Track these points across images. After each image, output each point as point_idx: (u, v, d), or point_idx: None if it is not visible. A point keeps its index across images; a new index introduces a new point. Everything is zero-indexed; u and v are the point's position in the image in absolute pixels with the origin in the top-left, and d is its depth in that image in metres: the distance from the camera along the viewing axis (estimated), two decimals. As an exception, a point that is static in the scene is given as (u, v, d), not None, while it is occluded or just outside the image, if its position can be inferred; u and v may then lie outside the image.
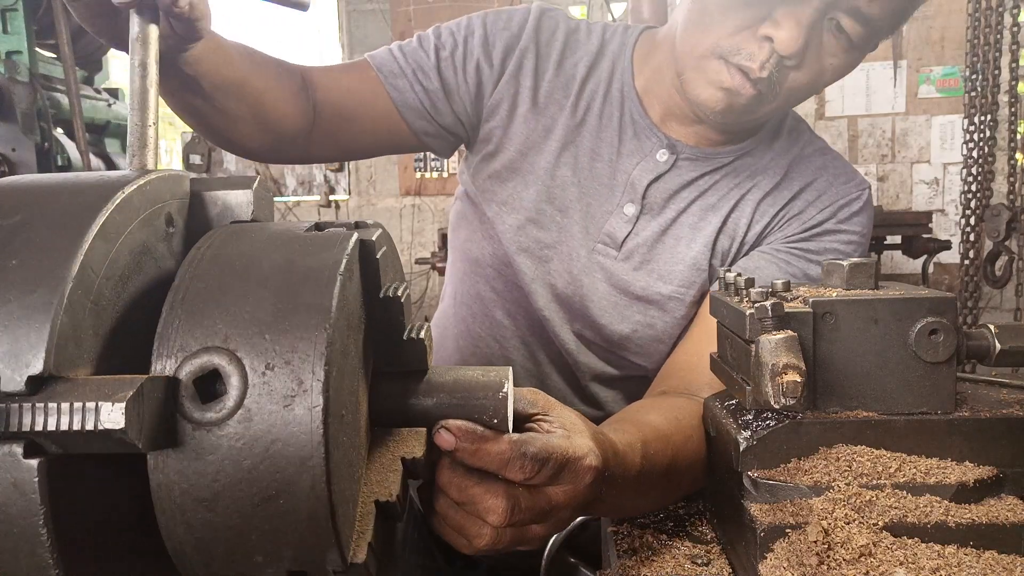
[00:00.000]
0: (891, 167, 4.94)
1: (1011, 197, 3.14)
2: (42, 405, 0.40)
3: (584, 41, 1.13)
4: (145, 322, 0.48)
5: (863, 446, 0.68)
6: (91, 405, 0.40)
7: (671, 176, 1.08)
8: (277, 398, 0.43)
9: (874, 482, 0.65)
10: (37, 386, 0.41)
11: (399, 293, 0.54)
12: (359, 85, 1.11)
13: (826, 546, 0.59)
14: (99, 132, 4.21)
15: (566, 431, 0.63)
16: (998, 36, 3.06)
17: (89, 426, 0.40)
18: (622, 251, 1.09)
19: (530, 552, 1.32)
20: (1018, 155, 3.13)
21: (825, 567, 0.59)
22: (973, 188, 3.24)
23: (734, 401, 0.76)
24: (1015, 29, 3.07)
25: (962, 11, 3.24)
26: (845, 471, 0.66)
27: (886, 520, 0.62)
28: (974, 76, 3.13)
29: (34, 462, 0.40)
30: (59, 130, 3.74)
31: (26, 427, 0.40)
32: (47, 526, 0.41)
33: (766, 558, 0.62)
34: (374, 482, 0.52)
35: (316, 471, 0.43)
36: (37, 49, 3.74)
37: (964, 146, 3.22)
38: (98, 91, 4.23)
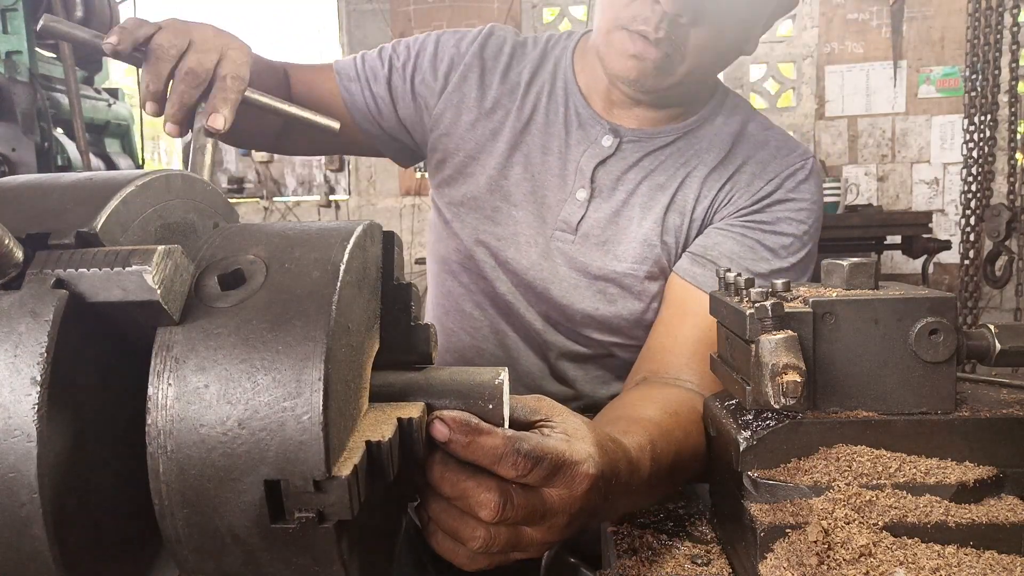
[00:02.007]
0: (891, 167, 4.94)
1: (1011, 197, 3.14)
2: (81, 253, 0.44)
3: (529, 52, 1.21)
4: None
5: (863, 446, 0.68)
6: (124, 253, 0.43)
7: (617, 159, 1.14)
8: (290, 292, 0.46)
9: (874, 482, 0.65)
10: (83, 242, 0.45)
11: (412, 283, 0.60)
12: (321, 84, 1.21)
13: (826, 546, 0.59)
14: (99, 132, 4.21)
15: (567, 436, 0.63)
16: (998, 36, 3.06)
17: (118, 267, 0.43)
18: (578, 234, 1.14)
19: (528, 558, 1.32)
20: (1018, 155, 3.13)
21: (825, 567, 0.59)
22: (973, 188, 3.24)
23: (734, 401, 0.76)
24: (1015, 29, 3.07)
25: (962, 11, 3.24)
26: (845, 471, 0.66)
27: (886, 520, 0.62)
28: (974, 76, 3.13)
29: (59, 292, 0.43)
30: (59, 130, 3.74)
31: (61, 267, 0.44)
32: (48, 353, 0.42)
33: (766, 558, 0.62)
34: (367, 431, 0.51)
35: (315, 358, 0.44)
36: (37, 49, 3.73)
37: (964, 146, 3.22)
38: (98, 91, 4.23)
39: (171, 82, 0.91)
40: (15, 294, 0.43)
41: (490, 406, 0.58)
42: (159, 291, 0.43)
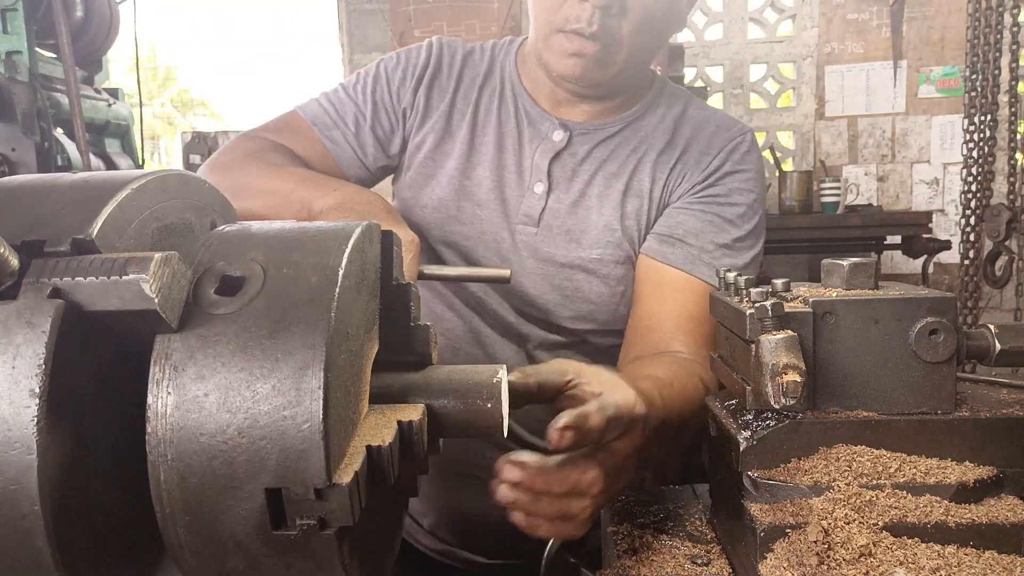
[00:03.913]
0: (891, 167, 4.93)
1: (1011, 197, 3.13)
2: (77, 260, 0.44)
3: (478, 60, 1.27)
4: None
5: (863, 446, 0.68)
6: (120, 261, 0.43)
7: (569, 152, 1.20)
8: (288, 298, 0.46)
9: (874, 482, 0.65)
10: (79, 250, 0.45)
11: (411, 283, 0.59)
12: (310, 150, 1.23)
13: (826, 546, 0.59)
14: (99, 132, 4.21)
15: (612, 387, 0.72)
16: (998, 36, 3.05)
17: (115, 276, 0.42)
18: (540, 226, 1.19)
19: (529, 555, 1.33)
20: (1018, 155, 3.13)
21: (825, 567, 0.59)
22: (973, 188, 3.24)
23: (734, 401, 0.76)
24: (1015, 29, 3.07)
25: (962, 11, 3.24)
26: (845, 471, 0.66)
27: (886, 520, 0.62)
28: (974, 76, 3.12)
29: (54, 302, 0.43)
30: (59, 130, 3.74)
31: (58, 276, 0.43)
32: (46, 365, 0.42)
33: (766, 558, 0.62)
34: (367, 435, 0.52)
35: (315, 367, 0.44)
36: (37, 49, 3.73)
37: (964, 146, 3.22)
38: (98, 91, 4.23)
39: None
40: (11, 304, 0.43)
41: (488, 405, 0.59)
42: (157, 300, 0.43)
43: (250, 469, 0.44)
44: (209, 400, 0.44)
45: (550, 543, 1.17)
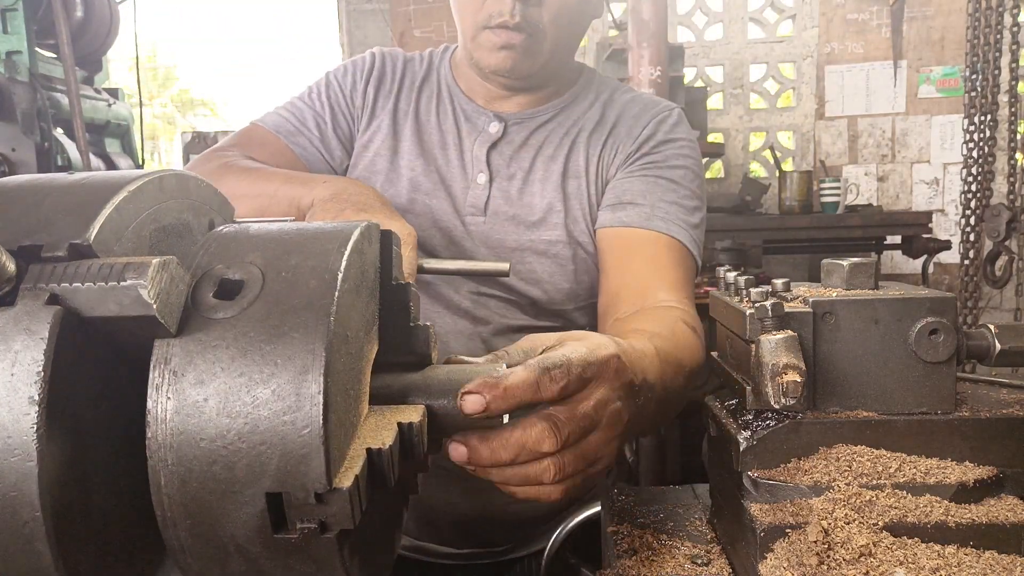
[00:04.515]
0: (891, 167, 4.93)
1: (1011, 197, 3.13)
2: (75, 266, 0.43)
3: (417, 66, 1.34)
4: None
5: (863, 446, 0.68)
6: (118, 267, 0.43)
7: (506, 142, 1.26)
8: (287, 302, 0.45)
9: (874, 482, 0.65)
10: (76, 255, 0.44)
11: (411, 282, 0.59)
12: (281, 157, 1.26)
13: (826, 546, 0.59)
14: (99, 132, 4.21)
15: (577, 340, 0.67)
16: (998, 36, 3.06)
17: (113, 282, 0.42)
18: (488, 215, 1.24)
19: (530, 553, 1.32)
20: (1018, 155, 3.13)
21: (825, 567, 0.59)
22: (973, 188, 3.24)
23: (734, 401, 0.76)
24: (1015, 29, 3.07)
25: (962, 11, 3.24)
26: (845, 471, 0.66)
27: (886, 520, 0.62)
28: (974, 76, 3.13)
29: (52, 308, 0.42)
30: (59, 130, 3.74)
31: (55, 282, 0.43)
32: (44, 373, 0.42)
33: (766, 558, 0.62)
34: (367, 437, 0.51)
35: (314, 371, 0.44)
36: (37, 49, 3.73)
37: (964, 146, 3.22)
38: (98, 91, 4.23)
39: None
40: (9, 311, 0.43)
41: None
42: (155, 305, 0.42)
43: (250, 474, 0.44)
44: (209, 405, 0.44)
45: (550, 542, 1.17)
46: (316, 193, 1.01)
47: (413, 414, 0.55)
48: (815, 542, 0.59)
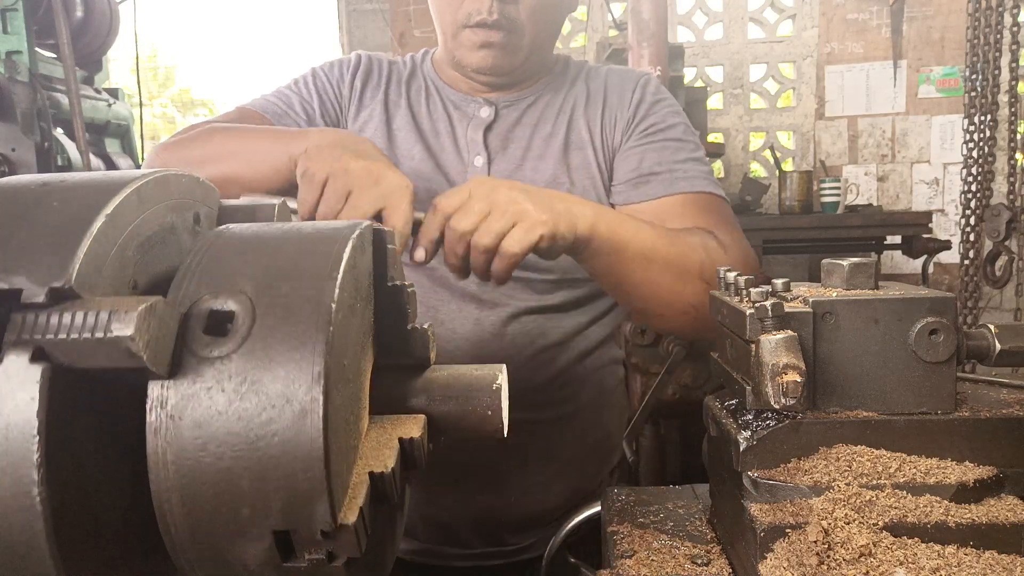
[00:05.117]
0: (891, 167, 4.93)
1: (1011, 197, 3.13)
2: (57, 314, 0.42)
3: (401, 66, 1.37)
4: (159, 290, 0.49)
5: (863, 446, 0.68)
6: (104, 315, 0.41)
7: (500, 122, 1.28)
8: (282, 339, 0.44)
9: (874, 482, 0.65)
10: (57, 299, 0.43)
11: (407, 283, 0.57)
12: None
13: (826, 546, 0.59)
14: (99, 132, 4.20)
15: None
16: (998, 36, 3.05)
17: (99, 334, 0.41)
18: None
19: (531, 552, 1.32)
20: (1018, 155, 3.13)
21: (825, 567, 0.59)
22: (973, 188, 3.24)
23: (734, 401, 0.76)
24: (1015, 29, 3.07)
25: (962, 11, 3.24)
26: (845, 471, 0.66)
27: (886, 520, 0.62)
28: (974, 76, 3.12)
29: (39, 366, 0.41)
30: (59, 130, 3.74)
31: (38, 334, 0.41)
32: (40, 434, 0.41)
33: (766, 558, 0.62)
34: (369, 456, 0.52)
35: (313, 413, 0.43)
36: (37, 49, 3.73)
37: (964, 146, 3.22)
38: (98, 91, 4.23)
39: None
40: None
41: (489, 412, 0.58)
42: (145, 356, 0.41)
43: (256, 514, 0.44)
44: (209, 450, 0.43)
45: (551, 542, 1.17)
46: (311, 140, 1.00)
47: (414, 427, 0.55)
48: (815, 542, 0.59)
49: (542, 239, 0.91)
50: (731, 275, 0.77)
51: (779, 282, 0.75)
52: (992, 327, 0.74)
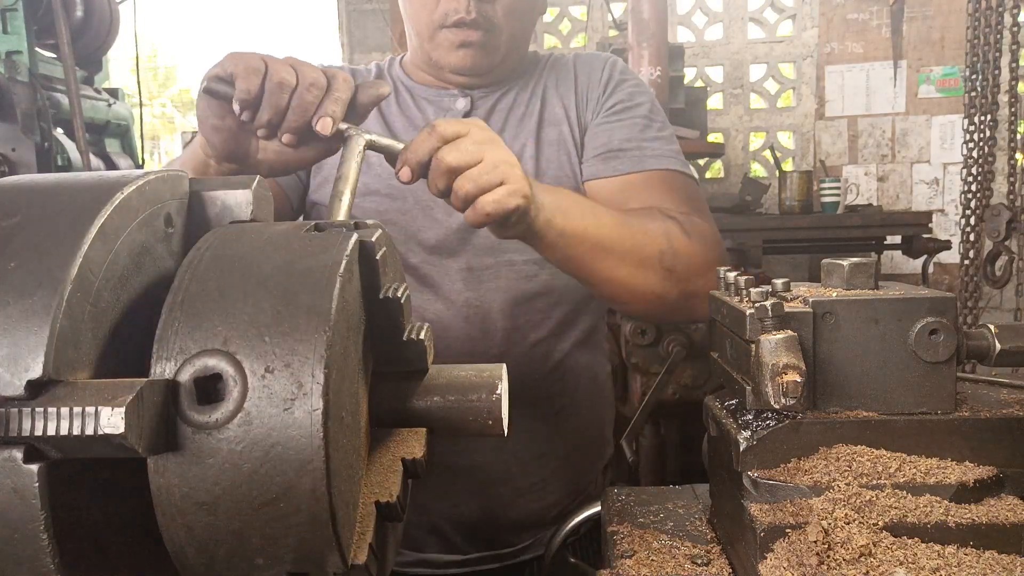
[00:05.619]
0: (891, 167, 4.93)
1: (1011, 197, 3.13)
2: (41, 410, 0.40)
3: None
4: (144, 323, 0.47)
5: (863, 446, 0.68)
6: (91, 410, 0.40)
7: (476, 112, 1.28)
8: (277, 401, 0.43)
9: (874, 482, 0.65)
10: (36, 390, 0.41)
11: (399, 294, 0.54)
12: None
13: (826, 546, 0.59)
14: (99, 132, 4.20)
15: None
16: (998, 36, 3.05)
17: (89, 431, 0.39)
18: None
19: (527, 553, 1.32)
20: (1018, 155, 3.13)
21: (825, 567, 0.59)
22: (973, 188, 3.23)
23: (734, 401, 0.76)
24: (1015, 29, 3.07)
25: (962, 11, 3.23)
26: (845, 471, 0.66)
27: (886, 520, 0.62)
28: (974, 76, 3.12)
29: (34, 467, 0.40)
30: (59, 130, 3.73)
31: (26, 432, 0.40)
32: (48, 531, 0.40)
33: (766, 558, 0.62)
34: (374, 483, 0.52)
35: (316, 475, 0.43)
36: (37, 49, 3.73)
37: (964, 146, 3.21)
38: (98, 91, 4.22)
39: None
40: None
41: (490, 421, 0.58)
42: (140, 448, 0.41)
43: (270, 561, 0.45)
44: (218, 518, 0.44)
45: (552, 542, 1.17)
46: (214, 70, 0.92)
47: (416, 445, 0.55)
48: (815, 542, 0.59)
49: (518, 209, 0.90)
50: (731, 275, 0.77)
51: (779, 282, 0.75)
52: (992, 327, 0.74)
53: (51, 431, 0.40)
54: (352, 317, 0.50)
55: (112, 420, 0.39)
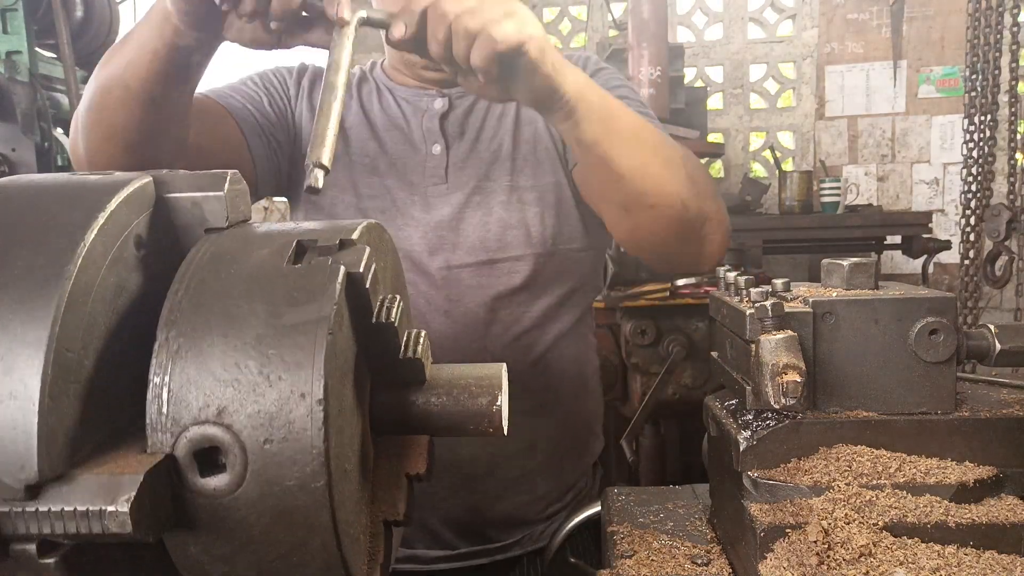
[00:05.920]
0: (891, 167, 4.93)
1: (1011, 197, 3.13)
2: (45, 510, 0.40)
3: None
4: (133, 364, 0.47)
5: (863, 446, 0.68)
6: (95, 510, 0.40)
7: (455, 112, 1.28)
8: (279, 467, 0.43)
9: (874, 482, 0.65)
10: (35, 492, 0.41)
11: (392, 317, 0.52)
12: (224, 130, 1.21)
13: (826, 546, 0.59)
14: (99, 132, 4.20)
15: None
16: (998, 36, 3.05)
17: (96, 530, 0.40)
18: (450, 181, 1.24)
19: (529, 552, 1.32)
20: (1018, 155, 3.13)
21: (825, 567, 0.59)
22: (973, 188, 3.23)
23: (734, 401, 0.76)
24: (1015, 29, 3.07)
25: (962, 11, 3.23)
26: (845, 471, 0.66)
27: (886, 520, 0.62)
28: (974, 76, 3.12)
29: (51, 560, 0.41)
30: (59, 130, 3.73)
31: (34, 531, 0.40)
32: None
33: (766, 558, 0.63)
34: (381, 499, 0.53)
35: (326, 534, 0.44)
36: (37, 49, 3.73)
37: (964, 146, 3.21)
38: (98, 91, 4.22)
39: None
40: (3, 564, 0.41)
41: (491, 429, 0.58)
42: (151, 537, 0.41)
43: None
44: (237, 566, 0.45)
45: (552, 542, 1.17)
46: None
47: (419, 459, 0.56)
48: (815, 542, 0.59)
49: (529, 42, 0.84)
50: (731, 275, 0.77)
51: (779, 282, 0.75)
52: (992, 327, 0.74)
53: (58, 530, 0.40)
54: (344, 357, 0.49)
55: (119, 520, 0.40)
